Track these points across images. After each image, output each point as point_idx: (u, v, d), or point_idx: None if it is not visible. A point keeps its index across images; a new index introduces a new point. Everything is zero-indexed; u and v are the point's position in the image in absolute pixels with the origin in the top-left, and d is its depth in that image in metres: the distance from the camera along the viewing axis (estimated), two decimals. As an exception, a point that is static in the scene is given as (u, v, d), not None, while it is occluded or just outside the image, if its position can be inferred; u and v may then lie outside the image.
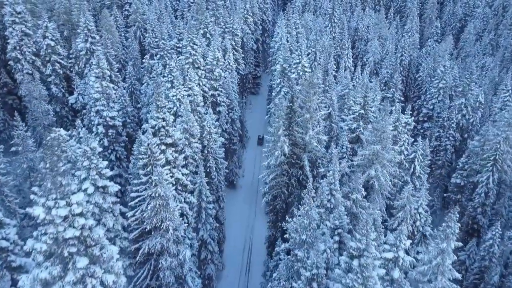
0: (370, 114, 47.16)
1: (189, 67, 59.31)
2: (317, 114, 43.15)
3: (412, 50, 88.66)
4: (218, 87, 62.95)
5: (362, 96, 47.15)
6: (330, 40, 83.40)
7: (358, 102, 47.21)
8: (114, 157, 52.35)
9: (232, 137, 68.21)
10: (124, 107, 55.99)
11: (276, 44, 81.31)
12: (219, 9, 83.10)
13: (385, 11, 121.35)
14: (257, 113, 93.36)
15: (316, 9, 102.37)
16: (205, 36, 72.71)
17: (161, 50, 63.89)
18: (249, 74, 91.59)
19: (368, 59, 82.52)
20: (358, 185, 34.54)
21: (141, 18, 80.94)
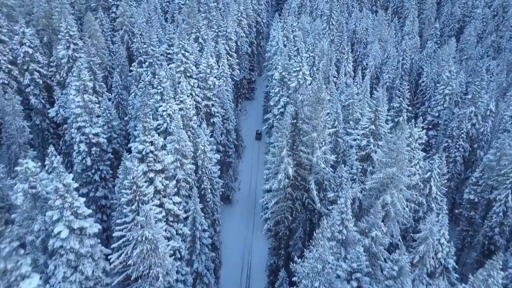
0: (381, 130, 42.16)
1: (180, 76, 53.96)
2: (325, 132, 38.06)
3: (414, 53, 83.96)
4: (212, 97, 57.64)
5: (372, 110, 42.12)
6: (329, 44, 78.35)
7: (368, 117, 42.18)
8: (98, 177, 46.85)
9: (228, 149, 63.00)
10: (109, 121, 50.47)
11: (272, 48, 76.11)
12: (211, 12, 77.66)
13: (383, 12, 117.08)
14: (252, 119, 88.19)
15: (312, 11, 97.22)
16: (197, 41, 67.30)
17: (150, 57, 58.38)
18: (244, 79, 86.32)
19: (369, 63, 77.64)
20: (378, 220, 29.53)
21: (129, 21, 75.26)
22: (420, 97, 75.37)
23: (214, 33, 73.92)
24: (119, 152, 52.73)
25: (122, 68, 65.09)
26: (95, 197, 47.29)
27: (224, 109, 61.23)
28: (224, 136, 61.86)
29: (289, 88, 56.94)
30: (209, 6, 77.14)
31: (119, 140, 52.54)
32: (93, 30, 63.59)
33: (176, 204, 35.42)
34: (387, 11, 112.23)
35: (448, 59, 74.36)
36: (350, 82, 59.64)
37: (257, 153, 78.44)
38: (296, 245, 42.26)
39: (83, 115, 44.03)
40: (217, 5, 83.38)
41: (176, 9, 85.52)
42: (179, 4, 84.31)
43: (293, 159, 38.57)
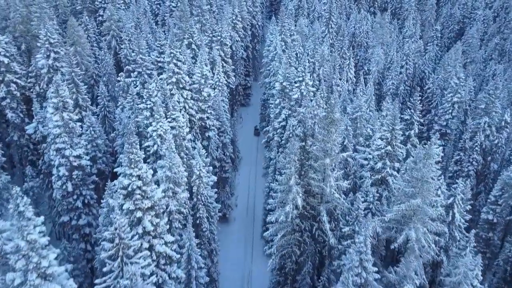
0: (398, 151, 37.12)
1: (172, 88, 48.52)
2: (339, 157, 32.89)
3: (417, 58, 79.12)
4: (207, 109, 52.26)
5: (389, 129, 37.03)
6: (329, 48, 73.30)
7: (384, 137, 37.09)
8: (81, 203, 41.31)
9: (224, 164, 57.68)
10: (93, 139, 44.91)
11: (269, 54, 70.80)
12: (205, 15, 72.11)
13: (380, 14, 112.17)
14: (248, 127, 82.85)
15: (309, 13, 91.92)
16: (190, 47, 61.77)
17: (138, 66, 52.80)
18: (239, 85, 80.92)
19: (371, 69, 72.62)
20: (411, 272, 24.45)
21: (116, 25, 69.50)
22: (426, 104, 70.55)
23: (208, 38, 68.43)
24: (105, 172, 47.26)
25: (109, 77, 59.45)
26: (78, 225, 41.81)
27: (219, 121, 55.88)
28: (220, 150, 56.55)
29: (291, 99, 51.73)
30: (202, 9, 71.59)
31: (104, 159, 47.01)
32: (76, 37, 57.80)
33: (168, 244, 30.09)
34: (385, 13, 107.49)
35: (454, 65, 69.58)
36: (357, 93, 54.40)
37: (255, 158, 73.29)
38: (304, 281, 37.14)
39: (62, 136, 38.45)
40: (211, 8, 77.85)
41: (167, 12, 79.85)
42: (170, 7, 78.63)
43: (301, 187, 33.37)
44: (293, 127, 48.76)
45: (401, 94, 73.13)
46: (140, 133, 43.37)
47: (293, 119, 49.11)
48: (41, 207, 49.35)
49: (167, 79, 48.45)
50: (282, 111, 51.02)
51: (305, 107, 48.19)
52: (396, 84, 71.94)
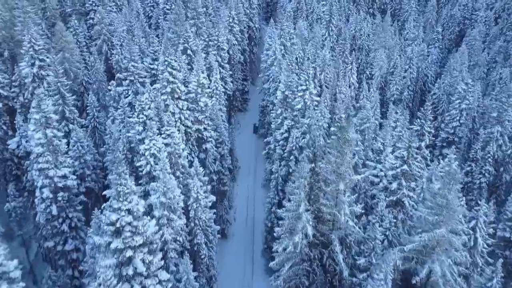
0: (415, 171, 33.54)
1: (166, 98, 44.61)
2: (353, 180, 29.24)
3: (420, 61, 75.68)
4: (204, 120, 48.42)
5: (405, 147, 33.42)
6: (330, 52, 69.64)
7: (399, 155, 33.47)
8: (67, 226, 37.44)
9: (222, 177, 54.00)
10: (81, 155, 40.96)
11: (268, 59, 66.99)
12: (200, 18, 68.07)
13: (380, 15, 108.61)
14: (246, 134, 78.96)
15: (308, 15, 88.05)
16: (185, 53, 57.82)
17: (130, 74, 48.83)
18: (237, 90, 77.05)
19: (374, 73, 69.03)
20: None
21: (107, 29, 65.37)
22: (432, 110, 66.89)
23: (204, 42, 64.46)
24: (94, 191, 43.34)
25: (100, 84, 55.43)
26: (64, 250, 37.92)
27: (217, 131, 52.08)
28: (218, 162, 52.82)
29: (294, 109, 48.02)
30: (197, 11, 67.55)
31: (94, 176, 43.10)
32: (64, 42, 53.71)
33: (163, 283, 26.28)
34: (385, 14, 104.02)
35: (460, 69, 66.20)
36: (360, 99, 50.63)
37: (253, 166, 69.46)
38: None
39: (45, 155, 34.50)
40: (206, 10, 73.84)
41: (161, 15, 75.75)
42: (164, 9, 74.56)
43: (311, 213, 29.69)
44: (297, 139, 45.10)
45: (405, 99, 69.66)
46: (132, 148, 39.55)
47: (296, 130, 45.39)
48: (26, 227, 45.38)
49: (161, 89, 44.54)
50: (284, 122, 47.30)
51: (309, 118, 44.50)
52: (400, 89, 68.44)
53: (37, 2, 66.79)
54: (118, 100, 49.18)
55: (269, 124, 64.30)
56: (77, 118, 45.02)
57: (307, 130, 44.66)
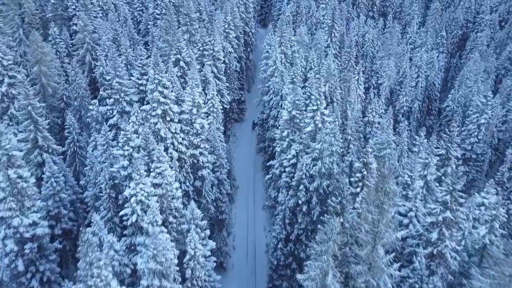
0: (460, 218, 27.24)
1: (157, 121, 37.83)
2: (391, 238, 22.81)
3: (430, 69, 69.58)
4: (200, 143, 41.74)
5: (448, 190, 27.04)
6: (334, 61, 63.22)
7: (442, 201, 27.08)
8: (37, 282, 30.57)
9: (220, 204, 47.49)
10: (56, 192, 34.06)
11: (268, 69, 60.31)
12: (193, 24, 61.20)
13: (378, 17, 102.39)
14: (243, 146, 72.22)
15: (307, 19, 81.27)
16: (177, 65, 51.07)
17: (115, 92, 41.93)
18: (233, 101, 70.38)
19: (382, 83, 62.73)
20: None
21: (91, 38, 58.21)
22: (445, 124, 60.96)
23: (198, 51, 57.67)
24: (73, 233, 36.47)
25: (82, 100, 48.40)
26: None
27: (215, 154, 45.47)
28: (215, 188, 46.26)
29: (302, 130, 41.51)
30: (190, 17, 60.65)
31: (72, 214, 36.21)
32: (41, 54, 46.60)
33: None
34: (385, 18, 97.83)
35: (476, 79, 60.20)
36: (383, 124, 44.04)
37: (252, 183, 63.12)
38: None
39: (8, 201, 27.59)
40: (200, 16, 66.96)
41: (151, 20, 68.64)
42: (154, 14, 67.47)
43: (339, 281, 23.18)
44: (307, 167, 38.60)
45: (415, 111, 63.53)
46: (116, 185, 32.78)
47: (306, 156, 38.82)
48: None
49: (151, 111, 37.72)
50: (292, 146, 40.69)
51: (321, 142, 37.97)
52: (411, 101, 62.28)
53: (13, 6, 59.47)
54: (101, 121, 42.35)
55: (270, 141, 57.81)
56: (52, 145, 38.04)
57: (319, 156, 38.16)
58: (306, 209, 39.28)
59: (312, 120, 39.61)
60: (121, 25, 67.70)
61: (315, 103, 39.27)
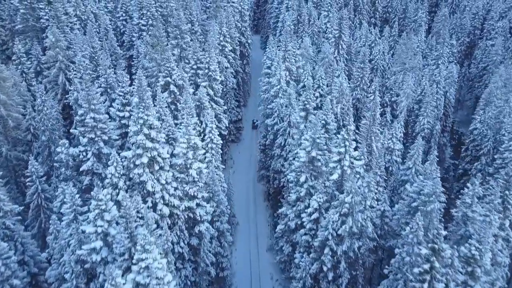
0: None
1: (142, 172, 28.79)
2: None
3: (449, 85, 61.53)
4: (197, 193, 32.76)
5: None
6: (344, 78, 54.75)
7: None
8: None
9: (221, 260, 38.82)
10: (5, 279, 24.76)
11: (272, 89, 51.47)
12: (185, 37, 52.08)
13: (381, 24, 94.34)
14: (242, 171, 63.45)
15: (309, 27, 72.15)
16: (167, 88, 42.01)
17: (90, 130, 32.72)
18: (231, 122, 61.47)
19: (400, 103, 54.35)
20: None
21: (65, 55, 48.77)
22: (472, 149, 52.83)
23: (191, 69, 48.65)
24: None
25: (51, 134, 39.12)
26: None
27: (214, 201, 36.63)
28: (215, 241, 37.42)
29: (323, 174, 32.78)
30: (181, 29, 51.51)
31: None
32: (-2, 79, 37.23)
33: None
34: (388, 25, 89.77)
35: (507, 98, 52.24)
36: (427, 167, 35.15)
37: (253, 214, 54.72)
38: None
39: None
40: (192, 27, 57.86)
41: (136, 32, 59.25)
42: (140, 25, 58.09)
43: None
44: (333, 224, 29.98)
45: (437, 134, 55.36)
46: (87, 271, 23.68)
47: (332, 211, 30.17)
48: None
49: (134, 159, 28.67)
50: (313, 196, 31.90)
51: (351, 194, 29.35)
52: (432, 122, 54.06)
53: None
54: (72, 167, 33.14)
55: (276, 172, 49.06)
56: (6, 203, 28.65)
57: (349, 211, 29.55)
58: (332, 276, 30.74)
59: (338, 164, 30.91)
60: (101, 37, 58.39)
61: (342, 143, 30.59)
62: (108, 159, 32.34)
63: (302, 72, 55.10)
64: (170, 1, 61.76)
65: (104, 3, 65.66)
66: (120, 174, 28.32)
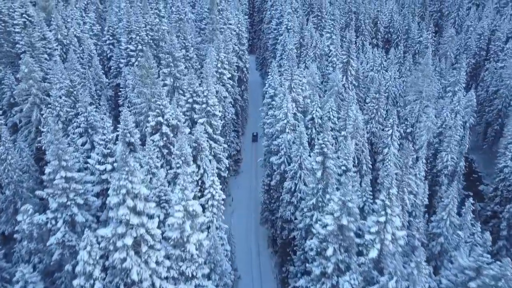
0: None
1: (126, 256, 21.38)
2: None
3: (468, 115, 55.21)
4: (196, 272, 25.36)
5: None
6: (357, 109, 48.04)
7: None
8: None
9: None
10: None
11: (278, 123, 44.48)
12: (178, 65, 45.12)
13: (383, 45, 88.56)
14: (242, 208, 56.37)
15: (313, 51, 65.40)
16: (159, 130, 34.72)
17: (61, 192, 25.25)
18: (230, 157, 54.29)
19: (420, 138, 47.69)
20: None
21: (40, 87, 41.36)
22: (503, 189, 46.12)
23: (186, 103, 41.53)
24: None
25: (17, 187, 31.59)
26: None
27: (216, 273, 29.23)
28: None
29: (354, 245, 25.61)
30: (174, 56, 44.54)
31: None
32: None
33: None
34: (391, 46, 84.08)
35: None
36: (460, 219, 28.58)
37: (257, 262, 47.52)
38: None
39: None
40: (186, 53, 50.87)
41: (123, 58, 52.18)
42: (128, 51, 50.98)
43: None
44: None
45: (461, 172, 48.78)
46: None
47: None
48: None
49: (114, 239, 21.27)
50: (345, 277, 24.59)
51: (394, 277, 22.21)
52: (456, 159, 47.48)
53: None
54: (37, 238, 25.61)
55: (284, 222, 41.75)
56: None
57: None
58: None
59: (377, 237, 23.84)
60: (85, 64, 51.25)
61: (383, 210, 23.57)
62: (84, 226, 25.05)
63: (309, 102, 48.49)
64: (162, 23, 54.96)
65: (89, 25, 58.53)
66: (95, 260, 20.94)
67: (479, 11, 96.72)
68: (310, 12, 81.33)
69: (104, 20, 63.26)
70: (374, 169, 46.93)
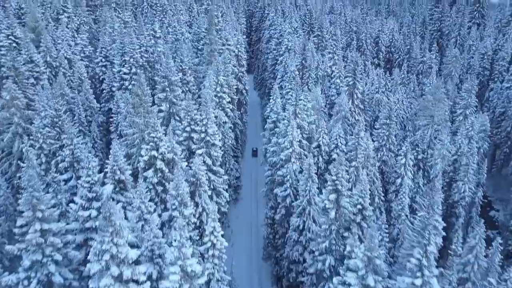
0: None
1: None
2: None
3: (482, 140, 51.72)
4: None
5: None
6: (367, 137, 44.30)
7: None
8: None
9: None
10: None
11: (282, 152, 40.57)
12: (175, 90, 41.41)
13: (384, 65, 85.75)
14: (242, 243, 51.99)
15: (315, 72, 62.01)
16: (153, 165, 30.69)
17: (35, 248, 21.06)
18: (230, 187, 50.21)
19: (435, 166, 43.94)
20: None
21: (23, 115, 37.38)
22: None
23: (184, 132, 37.66)
24: None
25: None
26: None
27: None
28: None
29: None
30: (170, 80, 40.83)
31: None
32: None
33: None
34: (393, 66, 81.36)
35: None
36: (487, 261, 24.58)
37: None
38: None
39: None
40: (183, 77, 47.24)
41: (117, 81, 48.44)
42: (121, 75, 47.26)
43: None
44: None
45: (479, 203, 44.97)
46: None
47: None
48: None
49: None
50: None
51: None
52: (474, 189, 43.72)
53: None
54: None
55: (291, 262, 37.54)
56: None
57: None
58: None
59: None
60: (75, 88, 47.48)
61: (418, 271, 19.47)
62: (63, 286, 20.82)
63: (314, 128, 44.84)
64: (157, 45, 51.45)
65: (80, 47, 54.94)
66: None
67: (480, 30, 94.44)
68: (311, 32, 78.45)
69: (98, 40, 59.80)
70: (386, 200, 43.11)
